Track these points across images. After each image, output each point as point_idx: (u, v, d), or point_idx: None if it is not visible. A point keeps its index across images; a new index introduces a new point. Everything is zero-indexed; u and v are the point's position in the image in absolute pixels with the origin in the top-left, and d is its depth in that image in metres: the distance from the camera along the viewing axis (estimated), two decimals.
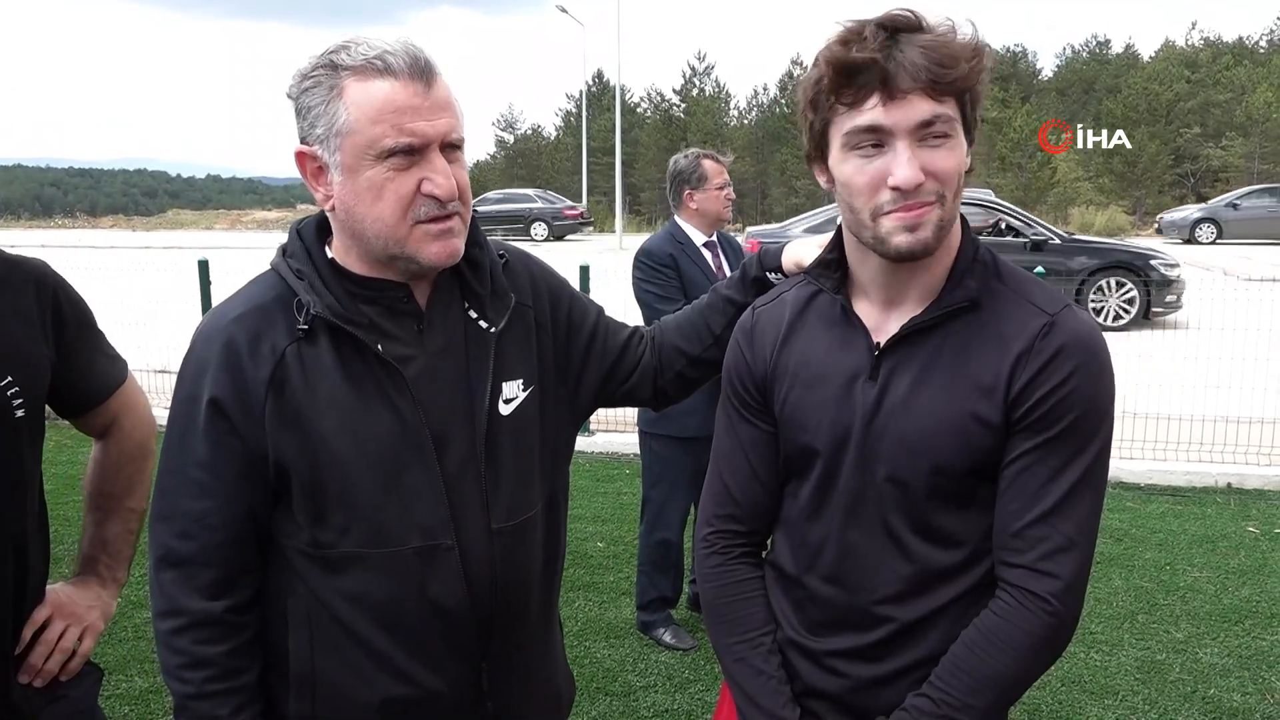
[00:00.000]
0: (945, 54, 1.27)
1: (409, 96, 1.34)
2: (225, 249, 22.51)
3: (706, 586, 1.59)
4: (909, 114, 1.28)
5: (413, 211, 1.37)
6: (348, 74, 1.35)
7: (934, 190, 1.31)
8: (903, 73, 1.27)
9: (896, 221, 1.32)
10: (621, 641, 4.12)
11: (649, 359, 1.75)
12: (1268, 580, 4.67)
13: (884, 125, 1.29)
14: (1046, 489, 1.34)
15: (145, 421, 1.89)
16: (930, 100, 1.28)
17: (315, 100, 1.36)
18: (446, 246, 1.41)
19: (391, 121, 1.33)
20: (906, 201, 1.30)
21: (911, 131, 1.29)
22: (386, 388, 1.41)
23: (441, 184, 1.37)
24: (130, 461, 1.86)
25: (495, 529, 1.49)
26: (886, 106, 1.28)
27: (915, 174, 1.29)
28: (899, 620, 1.43)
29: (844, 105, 1.31)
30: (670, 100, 59.09)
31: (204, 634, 1.40)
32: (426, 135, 1.35)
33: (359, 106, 1.33)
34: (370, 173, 1.35)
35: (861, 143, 1.31)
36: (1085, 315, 1.40)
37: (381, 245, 1.39)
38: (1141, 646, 4.03)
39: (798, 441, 1.48)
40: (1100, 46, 58.25)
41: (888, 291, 1.43)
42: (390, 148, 1.34)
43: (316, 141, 1.38)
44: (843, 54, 1.29)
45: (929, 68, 1.27)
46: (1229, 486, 6.08)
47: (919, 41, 1.28)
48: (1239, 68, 48.14)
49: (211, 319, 1.44)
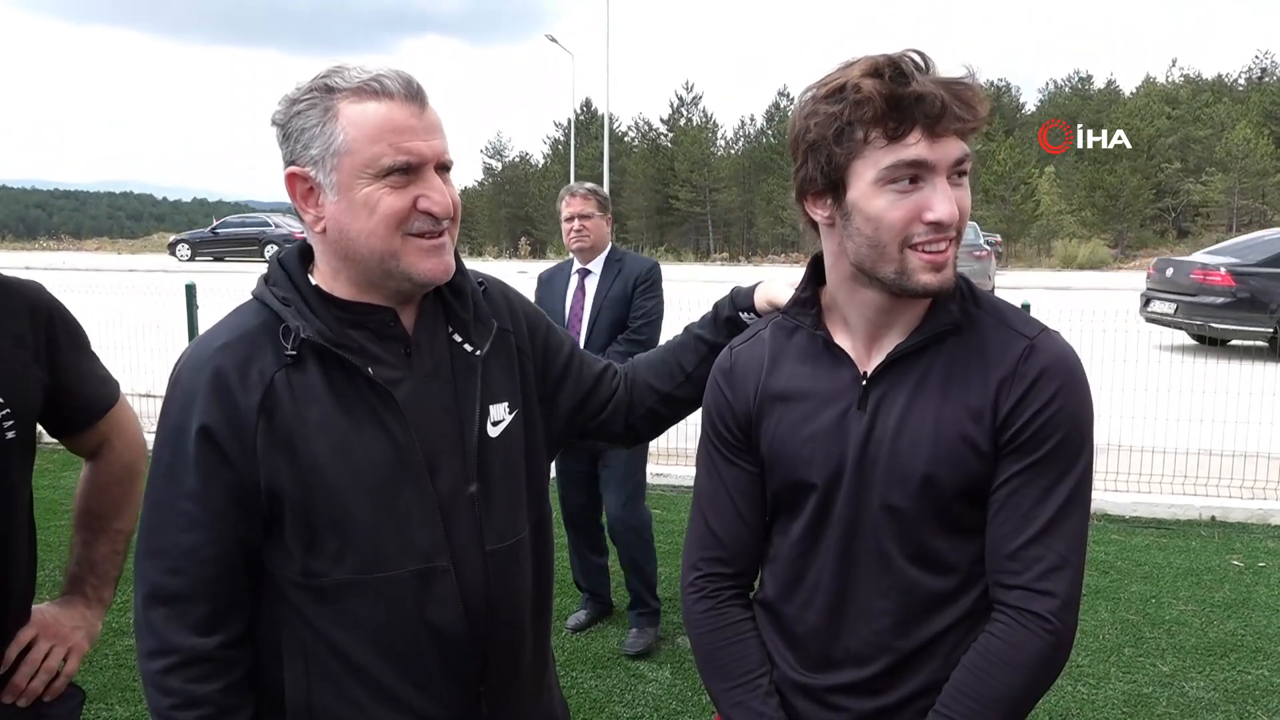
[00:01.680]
0: (972, 96, 1.31)
1: (406, 117, 1.37)
2: (211, 273, 22.42)
3: (697, 632, 1.57)
4: (949, 151, 1.31)
5: (406, 225, 1.38)
6: (343, 96, 1.36)
7: (958, 227, 1.34)
8: (945, 115, 1.29)
9: (925, 260, 1.34)
10: (609, 672, 4.09)
11: (622, 394, 1.76)
12: (1252, 614, 4.68)
13: (928, 160, 1.30)
14: (1037, 509, 1.36)
15: (135, 443, 1.89)
16: (960, 140, 1.31)
17: (309, 123, 1.37)
18: (440, 263, 1.43)
19: (390, 140, 1.35)
20: (938, 235, 1.33)
21: (948, 169, 1.32)
22: (378, 410, 1.41)
23: (438, 200, 1.39)
24: (119, 483, 1.86)
25: (489, 550, 1.49)
26: (928, 143, 1.30)
27: (954, 209, 1.32)
28: (898, 650, 1.43)
29: (885, 139, 1.31)
30: (658, 130, 59.50)
31: (197, 672, 1.37)
32: (423, 154, 1.38)
33: (357, 126, 1.35)
34: (366, 190, 1.37)
35: (900, 177, 1.31)
36: (1061, 338, 1.43)
37: (376, 261, 1.40)
38: (1128, 680, 4.03)
39: (791, 477, 1.48)
40: (1083, 82, 59.11)
41: (874, 325, 1.45)
42: (389, 166, 1.35)
43: (310, 163, 1.39)
44: (889, 88, 1.28)
45: (965, 108, 1.30)
46: (1213, 519, 6.10)
47: (948, 83, 1.30)
48: (1218, 105, 48.89)
49: (196, 348, 1.43)
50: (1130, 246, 42.50)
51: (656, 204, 54.97)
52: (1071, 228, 42.97)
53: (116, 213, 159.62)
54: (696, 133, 55.72)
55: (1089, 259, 37.14)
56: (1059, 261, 37.62)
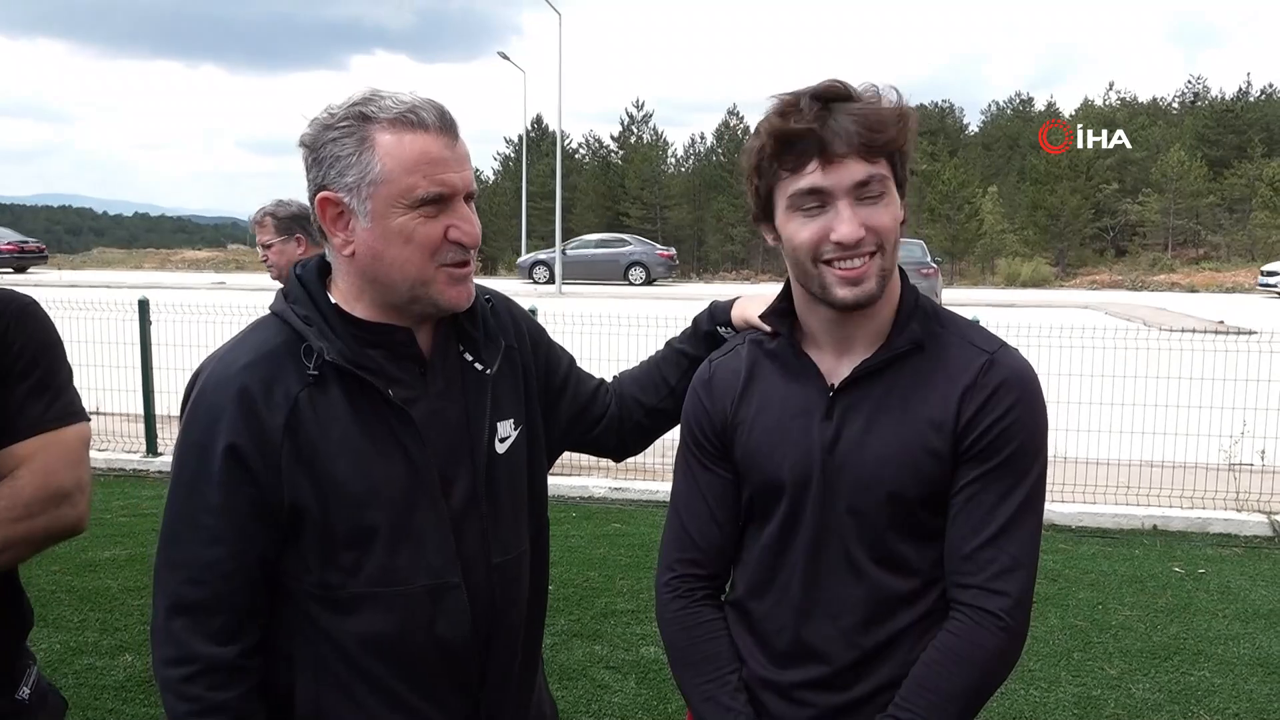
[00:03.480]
0: (875, 120, 1.41)
1: (440, 149, 1.42)
2: (159, 288, 22.02)
3: (671, 629, 1.64)
4: (845, 176, 1.41)
5: (439, 255, 1.44)
6: (379, 126, 1.41)
7: (873, 243, 1.44)
8: (837, 139, 1.40)
9: (839, 276, 1.45)
10: (575, 683, 4.13)
11: (614, 409, 1.82)
12: (1194, 618, 4.86)
13: (824, 187, 1.42)
14: (993, 514, 1.46)
15: (47, 482, 1.56)
16: (864, 162, 1.41)
17: (344, 150, 1.41)
18: (465, 290, 1.49)
19: (424, 172, 1.40)
20: (848, 253, 1.43)
21: (849, 191, 1.42)
22: (396, 430, 1.45)
23: (468, 231, 1.45)
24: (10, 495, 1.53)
25: (495, 564, 1.54)
26: (825, 170, 1.41)
27: (856, 230, 1.42)
28: (861, 647, 1.51)
29: (786, 171, 1.44)
30: (609, 147, 59.64)
31: (216, 680, 1.40)
32: (455, 186, 1.43)
33: (394, 157, 1.40)
34: (401, 220, 1.41)
35: (805, 204, 1.44)
36: (1019, 353, 1.54)
37: (407, 288, 1.45)
38: (1078, 683, 4.16)
39: (763, 479, 1.56)
40: (1024, 104, 60.41)
41: (836, 339, 1.54)
42: (423, 196, 1.40)
43: (344, 189, 1.42)
44: (782, 125, 1.42)
45: (860, 133, 1.40)
46: (1155, 528, 6.30)
47: (850, 109, 1.41)
48: (1154, 127, 50.27)
49: (218, 367, 1.45)
50: (1071, 265, 43.47)
51: (607, 221, 55.06)
52: (1014, 246, 43.85)
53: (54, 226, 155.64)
54: (647, 150, 55.96)
55: (1032, 277, 38.01)
56: (1003, 279, 38.42)
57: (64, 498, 1.57)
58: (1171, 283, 35.85)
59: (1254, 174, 44.46)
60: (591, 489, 6.92)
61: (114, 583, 5.11)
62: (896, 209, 1.46)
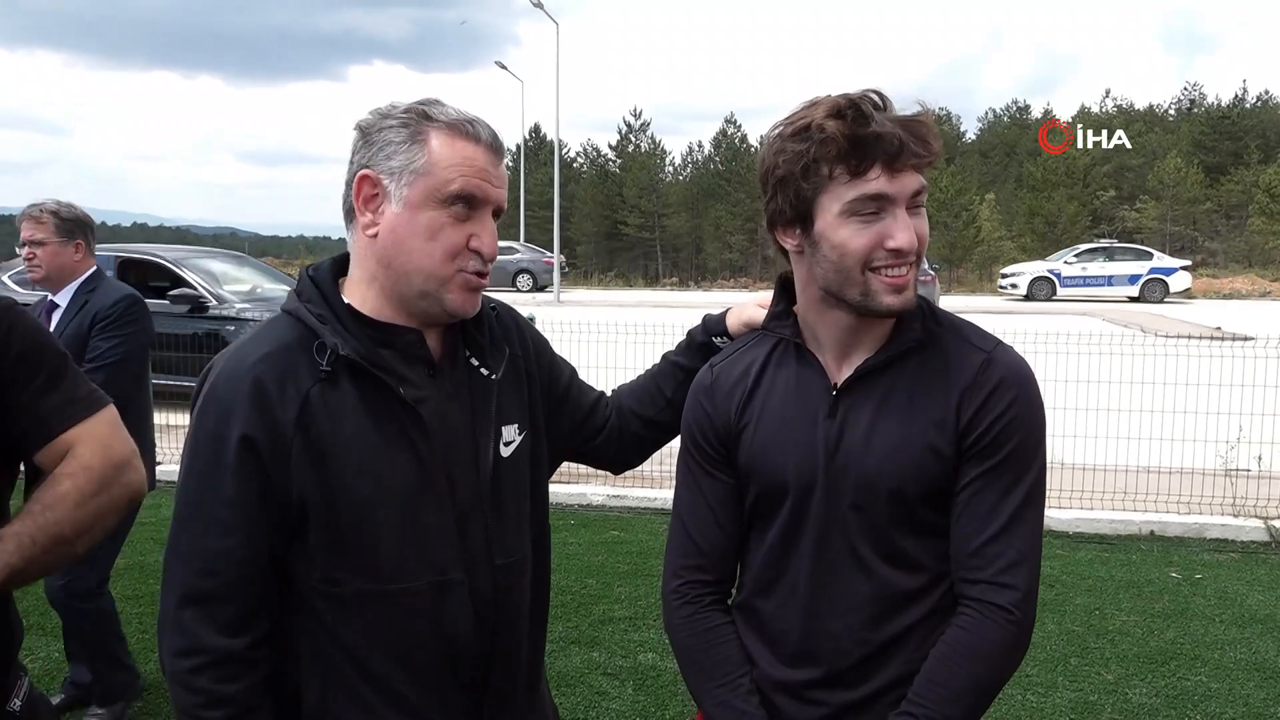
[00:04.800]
0: (928, 132, 1.43)
1: (485, 161, 1.48)
2: None
3: (680, 636, 1.65)
4: (907, 185, 1.43)
5: (459, 260, 1.48)
6: (437, 127, 1.46)
7: (917, 253, 1.46)
8: (904, 150, 1.41)
9: (887, 283, 1.46)
10: (573, 690, 4.14)
11: (614, 420, 1.85)
12: (1190, 623, 4.87)
13: (889, 194, 1.43)
14: (997, 510, 1.48)
15: (105, 454, 1.61)
16: (917, 173, 1.44)
17: (398, 137, 1.46)
18: (472, 299, 1.52)
19: (465, 172, 1.45)
20: (898, 260, 1.45)
21: (908, 200, 1.44)
22: (407, 429, 1.47)
23: (488, 243, 1.49)
24: (69, 476, 1.56)
25: (499, 564, 1.56)
26: (890, 177, 1.42)
27: (913, 237, 1.44)
28: (871, 644, 1.53)
29: (848, 175, 1.42)
30: (606, 156, 59.75)
31: (224, 672, 1.41)
32: (489, 197, 1.48)
33: (443, 155, 1.45)
34: (432, 214, 1.45)
35: (864, 209, 1.44)
36: (1015, 351, 1.56)
37: (420, 282, 1.48)
38: (1075, 688, 4.17)
39: (768, 479, 1.57)
40: (1020, 112, 60.62)
41: (843, 343, 1.56)
42: (457, 191, 1.44)
43: (386, 172, 1.46)
44: (850, 128, 1.40)
45: (921, 144, 1.42)
46: (1151, 534, 6.31)
47: (905, 120, 1.43)
48: (1150, 134, 50.44)
49: (232, 360, 1.47)
50: None
51: (605, 229, 55.20)
52: (1012, 253, 43.95)
53: None
54: (645, 159, 56.12)
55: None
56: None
57: (125, 465, 1.62)
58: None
59: (1250, 180, 44.65)
60: (590, 496, 6.92)
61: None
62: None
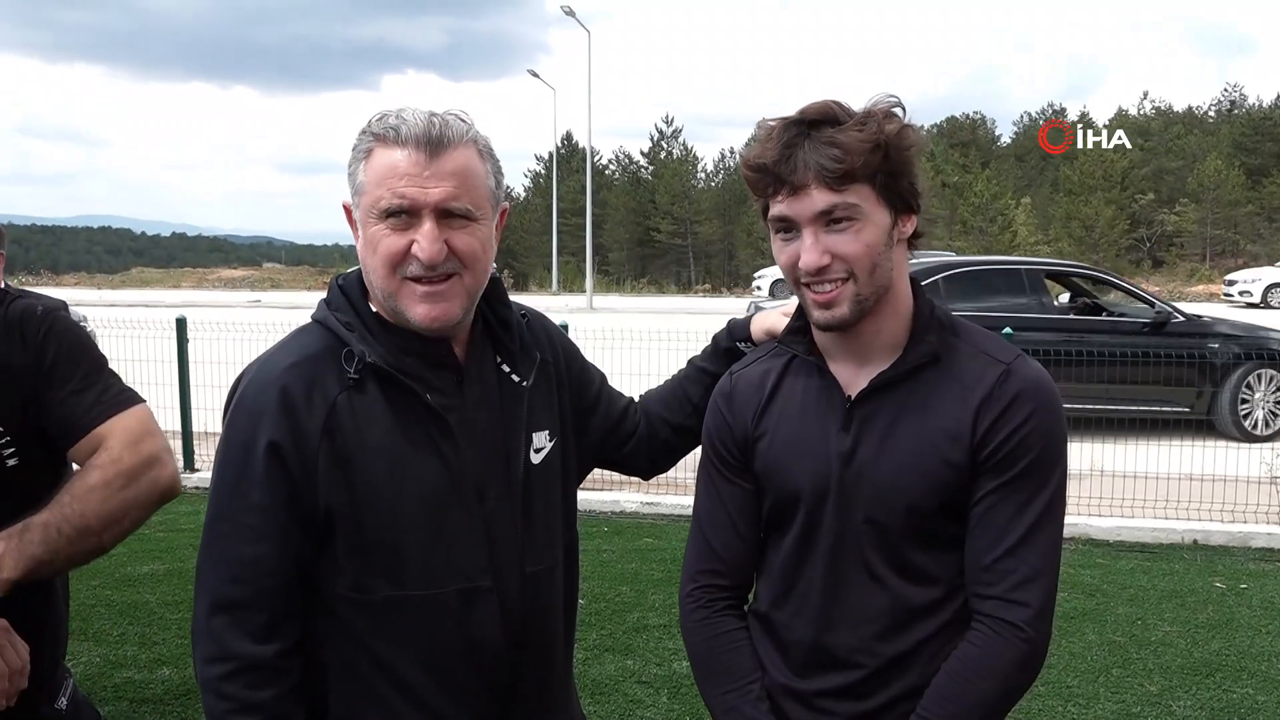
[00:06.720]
0: (840, 150, 1.41)
1: (409, 165, 1.44)
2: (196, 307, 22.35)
3: (694, 639, 1.66)
4: (808, 205, 1.43)
5: (401, 268, 1.47)
6: (374, 140, 1.48)
7: (842, 270, 1.45)
8: (797, 171, 1.42)
9: (812, 299, 1.49)
10: (607, 698, 4.13)
11: (644, 427, 1.85)
12: (1235, 634, 4.78)
13: (789, 216, 1.46)
14: (1012, 524, 1.46)
15: (134, 448, 1.64)
16: (829, 191, 1.42)
17: (353, 160, 1.50)
18: (432, 309, 1.47)
19: (388, 185, 1.45)
20: (816, 279, 1.46)
21: (813, 220, 1.44)
22: (434, 436, 1.48)
23: (424, 247, 1.45)
24: (97, 470, 1.60)
25: (529, 572, 1.56)
26: (789, 200, 1.44)
27: (817, 259, 1.44)
28: (883, 656, 1.52)
29: (765, 198, 1.49)
30: (638, 163, 59.88)
31: (254, 679, 1.42)
32: (416, 200, 1.44)
33: (373, 169, 1.47)
34: (373, 229, 1.47)
35: (780, 229, 1.49)
36: (1035, 362, 1.54)
37: (383, 297, 1.50)
38: (1116, 700, 4.10)
39: (782, 489, 1.57)
40: (1057, 115, 60.02)
41: (848, 352, 1.56)
42: (385, 208, 1.45)
43: (353, 195, 1.52)
44: (747, 155, 1.49)
45: (823, 164, 1.41)
46: (1195, 543, 6.21)
47: (821, 137, 1.42)
48: (1189, 136, 49.74)
49: (262, 368, 1.49)
50: None
51: (638, 236, 55.28)
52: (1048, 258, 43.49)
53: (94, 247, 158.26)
54: (677, 165, 56.17)
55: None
56: None
57: (154, 460, 1.65)
58: (1210, 293, 35.34)
59: None
60: (623, 504, 6.93)
61: (152, 597, 5.18)
62: (872, 235, 1.45)
